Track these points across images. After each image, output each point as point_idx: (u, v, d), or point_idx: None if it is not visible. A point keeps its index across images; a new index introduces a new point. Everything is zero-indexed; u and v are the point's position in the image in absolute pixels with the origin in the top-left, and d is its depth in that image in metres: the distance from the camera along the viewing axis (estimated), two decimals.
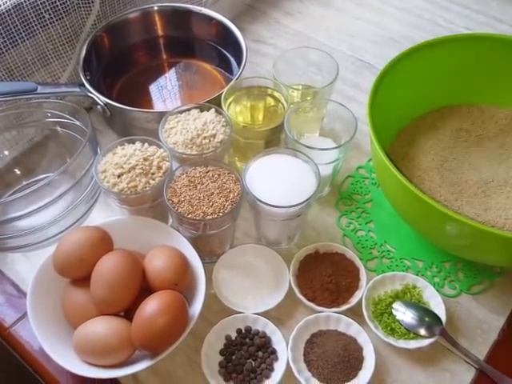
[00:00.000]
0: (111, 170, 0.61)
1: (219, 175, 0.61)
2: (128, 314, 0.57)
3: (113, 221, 0.64)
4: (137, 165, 0.61)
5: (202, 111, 0.68)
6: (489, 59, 0.69)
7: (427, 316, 0.60)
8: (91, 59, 0.79)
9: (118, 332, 0.54)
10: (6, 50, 0.70)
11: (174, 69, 0.87)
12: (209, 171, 0.62)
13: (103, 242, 0.59)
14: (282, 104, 0.71)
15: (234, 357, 0.58)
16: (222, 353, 0.59)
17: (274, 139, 0.70)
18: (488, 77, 0.70)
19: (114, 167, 0.61)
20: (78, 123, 0.70)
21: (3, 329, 0.63)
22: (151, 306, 0.53)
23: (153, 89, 0.83)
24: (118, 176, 0.61)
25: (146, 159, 0.62)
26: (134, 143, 0.65)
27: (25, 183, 0.73)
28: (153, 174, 0.62)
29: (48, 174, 0.73)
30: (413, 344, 0.59)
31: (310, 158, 0.62)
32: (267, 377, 0.57)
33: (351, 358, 0.57)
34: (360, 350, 0.58)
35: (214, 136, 0.65)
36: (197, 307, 0.56)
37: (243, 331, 0.60)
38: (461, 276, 0.66)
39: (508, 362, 0.60)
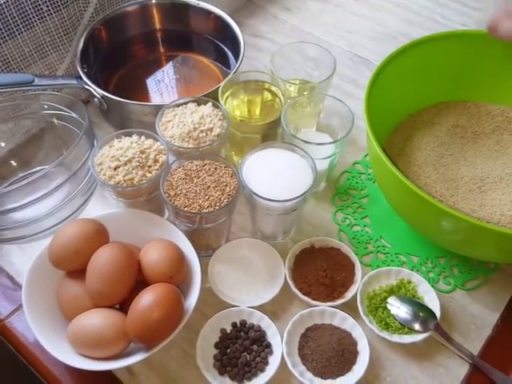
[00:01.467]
0: (108, 163, 0.61)
1: (216, 169, 0.61)
2: (123, 306, 0.57)
3: (109, 213, 0.64)
4: (133, 158, 0.61)
5: (199, 105, 0.68)
6: (485, 56, 0.69)
7: (422, 311, 0.61)
8: (89, 52, 0.78)
9: (112, 324, 0.54)
10: (4, 42, 0.70)
11: (171, 62, 0.86)
12: (205, 165, 0.62)
13: (99, 234, 0.59)
14: (279, 98, 0.71)
15: (228, 350, 0.58)
16: (216, 346, 0.59)
17: (270, 133, 0.70)
18: (484, 73, 0.71)
19: (111, 160, 0.61)
20: (74, 115, 0.70)
21: None
22: (146, 299, 0.53)
23: (150, 82, 0.83)
24: (115, 169, 0.61)
25: (142, 152, 0.62)
26: (130, 136, 0.65)
27: (21, 175, 0.73)
28: (149, 166, 0.62)
29: (44, 166, 0.72)
30: (407, 339, 0.59)
31: (306, 152, 0.62)
32: (262, 370, 0.57)
33: (345, 352, 0.58)
34: (354, 344, 0.59)
35: (210, 130, 0.65)
36: (192, 300, 0.56)
37: (238, 325, 0.60)
38: (455, 272, 0.66)
39: (501, 358, 0.60)
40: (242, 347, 0.58)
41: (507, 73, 0.70)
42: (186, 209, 0.58)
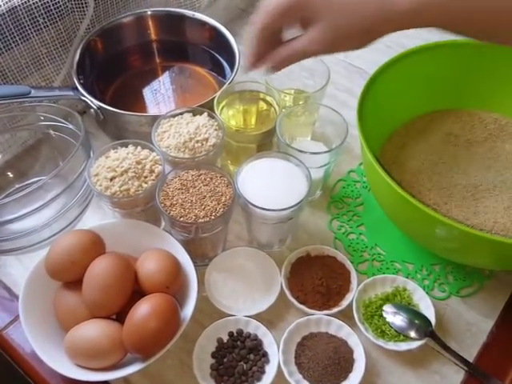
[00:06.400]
0: (104, 174, 0.61)
1: (211, 178, 0.62)
2: (120, 316, 0.57)
3: (105, 224, 0.64)
4: (129, 168, 0.62)
5: (194, 115, 0.68)
6: (478, 64, 0.70)
7: (417, 318, 0.61)
8: (85, 63, 0.79)
9: (109, 335, 0.54)
10: (0, 54, 0.70)
11: (167, 73, 0.87)
12: (201, 174, 0.62)
13: (95, 245, 0.59)
14: (274, 108, 0.71)
15: (225, 359, 0.59)
16: (213, 355, 0.59)
17: (266, 143, 0.71)
18: (477, 82, 0.71)
19: (107, 170, 0.62)
20: (71, 127, 0.70)
21: None
22: (143, 309, 0.53)
23: (146, 93, 0.84)
24: (111, 179, 0.61)
25: (138, 162, 0.62)
26: (126, 147, 0.65)
27: (17, 186, 0.73)
28: (145, 177, 0.62)
29: (41, 177, 0.73)
30: (403, 346, 0.60)
31: (301, 161, 0.63)
32: (258, 379, 0.57)
33: (342, 361, 0.58)
34: (350, 352, 0.59)
35: (206, 140, 0.65)
36: (188, 310, 0.57)
37: (235, 334, 0.60)
38: (450, 279, 0.67)
39: (497, 364, 0.60)
40: (238, 356, 0.59)
41: (500, 81, 0.71)
42: (181, 219, 0.58)
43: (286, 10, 0.52)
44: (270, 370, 0.57)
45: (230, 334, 0.60)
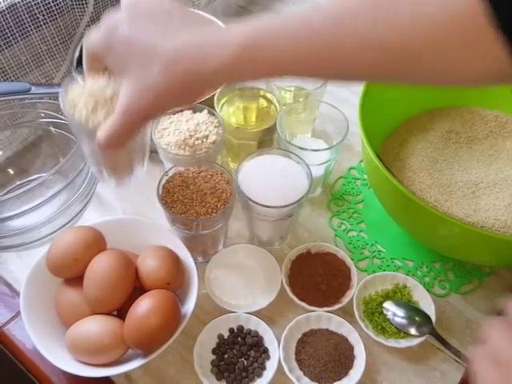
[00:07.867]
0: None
1: (212, 175, 0.62)
2: (121, 313, 0.57)
3: (106, 221, 0.64)
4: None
5: (194, 112, 0.68)
6: None
7: (417, 315, 0.61)
8: None
9: (110, 331, 0.54)
10: (0, 51, 0.70)
11: None
12: (201, 172, 0.62)
13: (96, 241, 0.59)
14: (275, 105, 0.71)
15: (226, 356, 0.59)
16: (214, 352, 0.59)
17: (266, 140, 0.71)
18: None
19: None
20: None
21: None
22: (144, 306, 0.53)
23: None
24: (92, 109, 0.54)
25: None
26: None
27: (18, 183, 0.73)
28: None
29: (41, 174, 0.73)
30: (403, 343, 0.60)
31: (301, 158, 0.63)
32: (259, 375, 0.57)
33: (342, 357, 0.58)
34: (351, 348, 0.59)
35: (206, 137, 0.65)
36: (189, 306, 0.57)
37: (235, 330, 0.60)
38: (450, 276, 0.67)
39: None
40: (239, 353, 0.59)
41: None
42: (182, 215, 0.58)
43: (93, 55, 0.46)
44: (271, 367, 0.58)
45: (231, 331, 0.60)
